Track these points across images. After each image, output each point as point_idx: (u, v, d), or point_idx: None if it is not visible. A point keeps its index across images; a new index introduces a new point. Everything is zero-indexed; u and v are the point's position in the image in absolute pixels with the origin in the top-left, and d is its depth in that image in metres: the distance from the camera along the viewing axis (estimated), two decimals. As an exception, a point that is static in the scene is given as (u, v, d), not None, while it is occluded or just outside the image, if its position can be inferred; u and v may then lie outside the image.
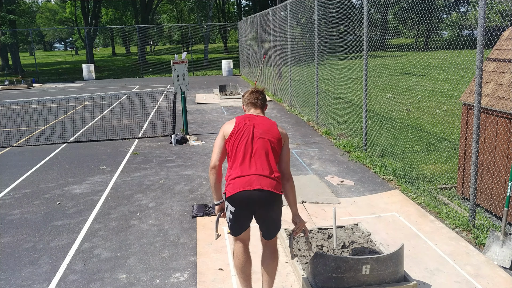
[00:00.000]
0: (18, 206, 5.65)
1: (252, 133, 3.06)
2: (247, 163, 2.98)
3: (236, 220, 3.03)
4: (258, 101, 3.30)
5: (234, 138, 3.06)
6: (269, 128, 3.10)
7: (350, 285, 3.26)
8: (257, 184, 2.90)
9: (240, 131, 3.07)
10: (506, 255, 3.80)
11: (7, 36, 28.91)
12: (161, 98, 15.95)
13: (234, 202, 2.97)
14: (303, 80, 12.52)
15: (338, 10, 11.26)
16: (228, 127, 3.13)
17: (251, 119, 3.14)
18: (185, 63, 9.14)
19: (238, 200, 2.94)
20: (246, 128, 3.08)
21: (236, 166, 3.01)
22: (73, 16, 51.69)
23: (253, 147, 3.02)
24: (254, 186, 2.90)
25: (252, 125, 3.09)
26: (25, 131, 10.53)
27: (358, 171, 6.59)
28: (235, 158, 3.03)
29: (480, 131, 4.63)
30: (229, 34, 62.83)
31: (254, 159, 2.99)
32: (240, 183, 2.93)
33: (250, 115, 3.19)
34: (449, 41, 5.83)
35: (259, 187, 2.89)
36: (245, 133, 3.06)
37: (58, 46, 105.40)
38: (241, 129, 3.08)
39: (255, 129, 3.08)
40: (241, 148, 3.02)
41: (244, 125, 3.09)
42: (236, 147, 3.04)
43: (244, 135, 3.05)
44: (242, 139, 3.04)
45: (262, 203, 2.94)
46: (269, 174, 2.96)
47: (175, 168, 7.10)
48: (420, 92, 13.27)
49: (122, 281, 3.78)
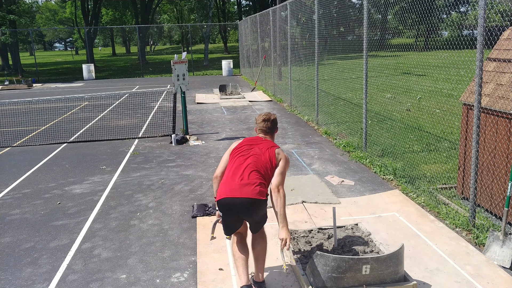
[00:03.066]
0: (18, 206, 5.65)
1: (250, 151, 3.42)
2: (236, 174, 3.28)
3: (224, 223, 3.37)
4: (268, 130, 3.64)
5: (234, 153, 3.44)
6: (267, 149, 3.43)
7: (350, 285, 3.26)
8: (239, 193, 3.16)
9: (241, 149, 3.45)
10: (506, 255, 3.80)
11: (7, 36, 28.92)
12: (161, 98, 15.95)
13: (220, 207, 3.27)
14: (303, 80, 12.53)
15: (338, 10, 11.26)
16: (234, 145, 3.54)
17: (255, 141, 3.52)
18: (185, 63, 9.14)
19: (222, 205, 3.23)
20: (247, 147, 3.46)
21: (227, 175, 3.32)
22: (73, 16, 51.70)
23: (245, 161, 3.35)
24: (236, 194, 3.16)
25: (253, 146, 3.47)
26: (25, 131, 10.54)
27: (358, 171, 6.59)
28: (229, 169, 3.36)
29: (480, 131, 4.63)
30: (229, 34, 62.86)
31: (244, 171, 3.28)
32: (225, 190, 3.22)
33: (256, 138, 3.57)
34: (449, 41, 5.83)
35: (240, 195, 3.15)
36: (244, 151, 3.43)
37: (58, 46, 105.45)
38: (242, 147, 3.46)
39: (253, 148, 3.44)
40: (235, 161, 3.37)
41: (246, 145, 3.48)
42: (232, 160, 3.40)
43: (242, 152, 3.42)
44: (240, 155, 3.40)
45: (244, 209, 3.18)
46: (254, 183, 3.21)
47: (175, 168, 7.10)
48: (420, 92, 13.28)
49: (122, 281, 3.78)
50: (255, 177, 3.24)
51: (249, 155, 3.37)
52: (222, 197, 3.19)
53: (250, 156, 3.36)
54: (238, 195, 3.14)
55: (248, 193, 3.14)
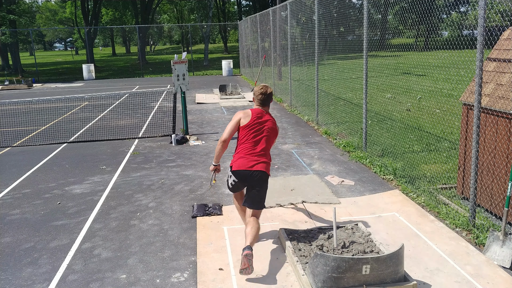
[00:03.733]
0: (18, 206, 5.65)
1: (262, 129, 4.17)
2: (252, 149, 4.09)
3: (235, 187, 4.18)
4: (266, 102, 4.31)
5: (248, 129, 4.14)
6: (273, 126, 4.23)
7: (350, 285, 3.26)
8: (255, 167, 4.02)
9: (254, 125, 4.14)
10: (506, 255, 3.80)
11: (7, 36, 28.93)
12: (161, 98, 15.96)
13: (237, 175, 4.06)
14: (303, 80, 12.53)
15: (338, 10, 11.26)
16: (245, 118, 4.15)
17: (263, 117, 4.21)
18: (185, 63, 9.14)
19: (240, 175, 4.04)
20: (258, 124, 4.16)
21: (244, 148, 4.10)
22: (73, 16, 51.68)
23: (259, 139, 4.14)
24: (253, 167, 4.02)
25: (263, 122, 4.18)
26: (25, 131, 10.54)
27: (358, 171, 6.59)
28: (245, 143, 4.12)
29: (480, 131, 4.63)
30: (229, 34, 62.85)
31: (258, 147, 4.11)
32: (243, 163, 4.04)
33: (260, 112, 4.23)
34: (449, 41, 5.83)
35: (256, 168, 4.02)
36: (257, 127, 4.15)
37: (58, 46, 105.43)
38: (255, 123, 4.15)
39: (264, 126, 4.18)
40: (250, 137, 4.12)
41: (258, 121, 4.16)
42: (248, 136, 4.13)
43: (255, 129, 4.14)
44: (253, 131, 4.13)
45: (256, 179, 4.03)
46: (265, 159, 4.11)
47: (175, 168, 7.10)
48: (420, 92, 13.28)
49: (122, 281, 3.78)
50: (266, 154, 4.13)
51: (262, 134, 4.14)
52: (241, 169, 4.01)
53: (264, 136, 4.14)
54: (254, 168, 4.00)
55: (263, 168, 4.03)
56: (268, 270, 3.81)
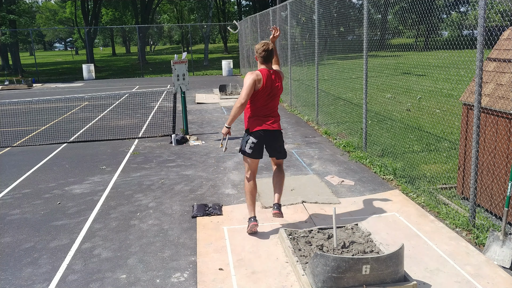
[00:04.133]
0: (18, 206, 5.65)
1: (272, 90, 4.38)
2: (267, 109, 4.41)
3: (255, 150, 4.39)
4: (269, 58, 4.39)
5: (262, 92, 4.32)
6: (280, 85, 4.45)
7: (350, 285, 3.26)
8: (275, 125, 4.45)
9: (267, 88, 4.33)
10: (506, 255, 3.80)
11: (7, 36, 28.92)
12: (161, 98, 15.95)
13: (257, 136, 4.37)
14: (303, 80, 12.53)
15: (338, 10, 11.26)
16: (260, 81, 4.28)
17: (272, 79, 4.36)
18: (185, 63, 9.14)
19: (261, 135, 4.38)
20: (269, 86, 4.34)
21: (260, 109, 4.37)
22: (73, 16, 51.69)
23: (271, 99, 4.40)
24: (273, 126, 4.43)
25: (272, 85, 4.36)
26: (25, 131, 10.54)
27: (358, 171, 6.59)
28: (260, 104, 4.36)
29: (480, 131, 4.63)
30: (229, 34, 62.82)
31: (271, 106, 4.44)
32: (263, 122, 4.39)
33: (268, 73, 4.35)
34: (449, 41, 5.83)
35: (275, 128, 4.44)
36: (268, 89, 4.35)
37: (58, 46, 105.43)
38: (267, 86, 4.33)
39: (273, 87, 4.38)
40: (264, 99, 4.35)
41: (269, 84, 4.33)
42: (261, 97, 4.34)
43: (267, 90, 4.35)
44: (266, 93, 4.34)
45: (276, 137, 4.50)
46: (279, 117, 4.55)
47: (175, 168, 7.10)
48: (420, 92, 13.28)
49: (122, 281, 3.78)
50: (277, 111, 4.53)
51: (273, 94, 4.37)
52: (265, 128, 4.37)
53: (275, 96, 4.41)
54: (274, 127, 4.43)
55: (279, 127, 4.51)
56: (268, 270, 3.81)
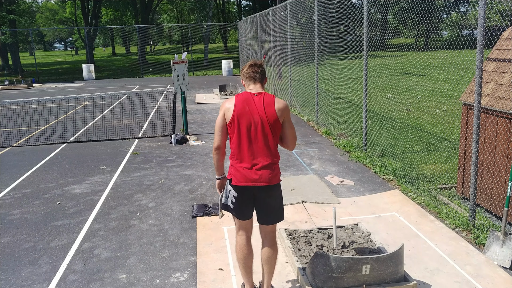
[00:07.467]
0: (18, 206, 5.65)
1: (252, 120, 3.07)
2: (249, 152, 3.08)
3: (238, 205, 3.17)
4: (257, 75, 3.21)
5: (235, 124, 3.08)
6: (267, 111, 3.07)
7: (350, 285, 3.26)
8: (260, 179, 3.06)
9: (240, 117, 3.07)
10: (506, 255, 3.80)
11: (7, 36, 28.91)
12: (161, 98, 15.95)
13: (237, 190, 3.13)
14: (303, 80, 12.52)
15: (338, 10, 11.25)
16: (228, 110, 3.10)
17: (249, 104, 3.09)
18: (185, 63, 9.14)
19: (241, 189, 3.12)
20: (246, 114, 3.07)
21: (240, 152, 3.10)
22: (73, 16, 51.70)
23: (254, 135, 3.08)
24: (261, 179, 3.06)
25: (251, 111, 3.07)
26: (25, 131, 10.53)
27: (358, 171, 6.59)
28: (238, 144, 3.10)
29: (480, 131, 4.63)
30: (229, 34, 62.82)
31: (256, 146, 3.08)
32: (243, 174, 3.07)
33: (248, 97, 3.11)
34: (449, 41, 5.83)
35: (263, 181, 3.06)
36: (245, 119, 3.07)
37: (58, 46, 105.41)
38: (241, 114, 3.06)
39: (254, 115, 3.07)
40: (243, 135, 3.08)
41: (244, 111, 3.07)
42: (238, 134, 3.09)
43: (245, 122, 3.07)
44: (243, 126, 3.07)
45: (262, 193, 3.13)
46: (270, 163, 3.09)
47: (175, 168, 7.10)
48: (420, 92, 13.27)
49: (122, 281, 3.78)
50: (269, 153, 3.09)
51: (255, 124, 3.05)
52: (244, 185, 3.08)
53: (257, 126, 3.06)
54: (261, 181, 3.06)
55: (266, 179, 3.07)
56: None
